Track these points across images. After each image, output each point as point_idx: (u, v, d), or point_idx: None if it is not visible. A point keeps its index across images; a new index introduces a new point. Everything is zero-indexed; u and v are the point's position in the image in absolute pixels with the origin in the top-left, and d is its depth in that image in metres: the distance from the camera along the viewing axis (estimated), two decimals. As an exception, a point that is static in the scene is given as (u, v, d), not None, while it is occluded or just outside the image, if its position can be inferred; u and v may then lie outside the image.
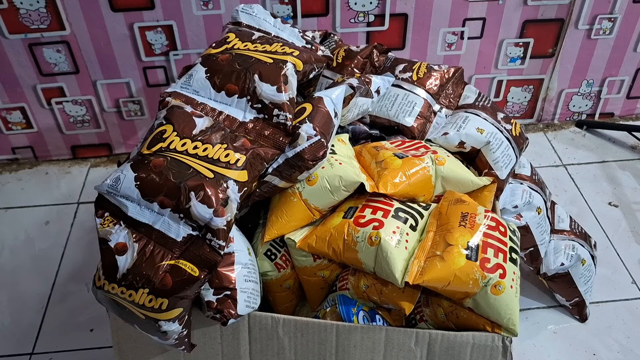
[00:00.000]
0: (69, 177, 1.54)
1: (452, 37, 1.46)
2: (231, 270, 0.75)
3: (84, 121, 1.53)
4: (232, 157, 0.75)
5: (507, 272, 0.73)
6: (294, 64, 0.84)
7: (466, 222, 0.77)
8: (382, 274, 0.76)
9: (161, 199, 0.71)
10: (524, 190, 1.06)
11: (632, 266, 1.26)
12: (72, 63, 1.40)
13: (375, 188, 0.81)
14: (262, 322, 0.77)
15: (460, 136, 0.96)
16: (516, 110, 1.65)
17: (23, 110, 1.49)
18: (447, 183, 0.88)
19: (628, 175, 1.50)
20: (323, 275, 0.86)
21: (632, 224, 1.36)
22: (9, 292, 1.25)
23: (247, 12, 1.00)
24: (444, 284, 0.72)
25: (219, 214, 0.70)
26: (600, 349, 1.10)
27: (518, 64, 1.54)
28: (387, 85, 1.01)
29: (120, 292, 0.70)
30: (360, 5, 1.38)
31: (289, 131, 0.79)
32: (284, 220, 0.82)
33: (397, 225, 0.78)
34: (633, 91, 1.64)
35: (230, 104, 0.82)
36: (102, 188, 0.74)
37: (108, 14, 1.33)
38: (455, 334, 0.75)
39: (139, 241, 0.71)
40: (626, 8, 1.44)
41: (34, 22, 1.32)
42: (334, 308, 0.82)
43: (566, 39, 1.49)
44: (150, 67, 1.44)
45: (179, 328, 0.72)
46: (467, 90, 1.08)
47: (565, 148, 1.60)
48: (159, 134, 0.77)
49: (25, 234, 1.38)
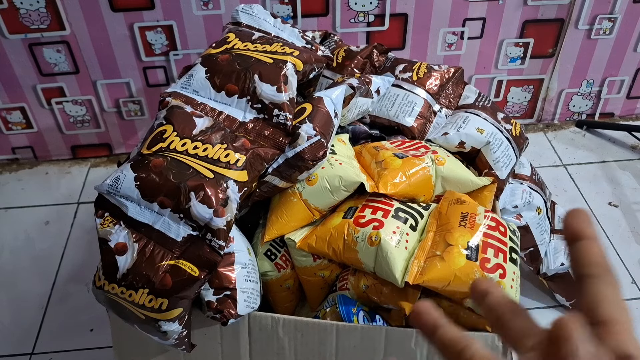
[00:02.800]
0: (69, 177, 1.54)
1: (452, 37, 1.46)
2: (231, 270, 0.75)
3: (84, 121, 1.53)
4: (232, 157, 0.75)
5: (507, 272, 0.73)
6: (294, 64, 0.84)
7: (466, 222, 0.77)
8: (382, 274, 0.76)
9: (161, 199, 0.71)
10: (524, 190, 1.06)
11: (632, 266, 1.26)
12: (72, 63, 1.40)
13: (375, 188, 0.81)
14: (262, 322, 0.77)
15: (460, 136, 0.96)
16: (516, 110, 1.65)
17: (23, 110, 1.49)
18: (447, 183, 0.88)
19: (628, 175, 1.50)
20: (323, 275, 0.86)
21: (632, 224, 1.36)
22: (9, 292, 1.25)
23: (247, 12, 1.00)
24: (444, 284, 0.72)
25: (219, 214, 0.70)
26: (600, 349, 1.10)
27: (518, 64, 1.54)
28: (387, 85, 1.01)
29: (120, 292, 0.70)
30: (360, 5, 1.38)
31: (289, 131, 0.79)
32: (284, 220, 0.82)
33: (397, 225, 0.77)
34: (633, 91, 1.64)
35: (230, 104, 0.82)
36: (102, 188, 0.74)
37: (108, 14, 1.33)
38: (455, 334, 0.74)
39: (139, 241, 0.71)
40: (626, 8, 1.44)
41: (34, 22, 1.32)
42: (334, 308, 0.82)
43: (566, 39, 1.49)
44: (150, 67, 1.44)
45: (179, 328, 0.72)
46: (467, 90, 1.08)
47: (565, 148, 1.60)
48: (159, 134, 0.77)
49: (25, 234, 1.38)
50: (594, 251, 0.29)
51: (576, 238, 0.30)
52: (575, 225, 0.30)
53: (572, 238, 0.30)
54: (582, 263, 0.29)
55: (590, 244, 0.29)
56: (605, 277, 0.28)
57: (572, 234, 0.30)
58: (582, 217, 0.30)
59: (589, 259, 0.29)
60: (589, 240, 0.29)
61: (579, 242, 0.30)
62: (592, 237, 0.30)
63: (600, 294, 0.27)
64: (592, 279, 0.28)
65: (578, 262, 0.29)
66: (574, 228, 0.30)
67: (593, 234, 0.30)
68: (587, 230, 0.30)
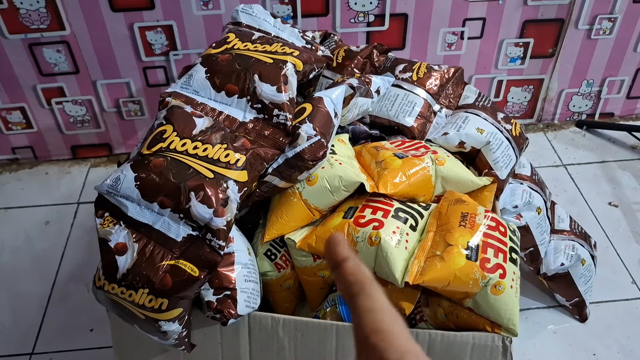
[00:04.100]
0: (69, 177, 1.54)
1: (452, 37, 1.46)
2: (231, 270, 0.75)
3: (84, 121, 1.53)
4: (232, 157, 0.75)
5: (507, 272, 0.73)
6: (294, 64, 0.84)
7: (466, 222, 0.77)
8: (382, 274, 0.76)
9: (161, 199, 0.71)
10: (524, 190, 1.06)
11: (632, 266, 1.26)
12: (72, 63, 1.40)
13: (375, 188, 0.81)
14: (262, 322, 0.77)
15: (460, 136, 0.96)
16: (516, 110, 1.65)
17: (23, 110, 1.49)
18: (447, 183, 0.88)
19: (628, 175, 1.50)
20: (323, 275, 0.86)
21: (632, 224, 1.36)
22: (9, 292, 1.25)
23: (247, 12, 1.00)
24: (444, 284, 0.72)
25: (219, 214, 0.70)
26: (600, 349, 1.10)
27: (518, 64, 1.54)
28: (387, 85, 1.01)
29: (120, 292, 0.70)
30: (360, 5, 1.38)
31: (289, 131, 0.79)
32: (284, 220, 0.82)
33: (397, 225, 0.77)
34: (633, 91, 1.64)
35: (230, 104, 0.82)
36: (102, 188, 0.74)
37: (108, 14, 1.33)
38: (455, 334, 0.75)
39: (139, 241, 0.71)
40: (626, 8, 1.44)
41: (34, 22, 1.32)
42: (334, 308, 0.82)
43: (566, 39, 1.49)
44: (150, 67, 1.44)
45: (179, 328, 0.72)
46: (467, 90, 1.08)
47: (565, 148, 1.60)
48: (159, 134, 0.77)
49: (25, 234, 1.38)
50: (352, 269, 0.33)
51: (337, 262, 0.33)
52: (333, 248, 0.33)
53: (334, 263, 0.33)
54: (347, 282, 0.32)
55: (347, 264, 0.33)
56: (365, 293, 0.32)
57: (334, 259, 0.33)
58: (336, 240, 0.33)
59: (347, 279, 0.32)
60: (346, 261, 0.33)
61: (339, 265, 0.33)
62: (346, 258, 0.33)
63: (363, 308, 0.31)
64: (355, 297, 0.32)
65: (344, 283, 0.32)
66: (332, 252, 0.33)
67: (346, 255, 0.33)
68: (340, 253, 0.33)
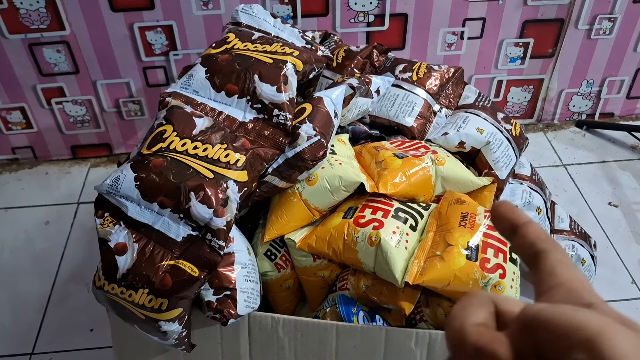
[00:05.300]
0: (69, 177, 1.54)
1: (452, 37, 1.46)
2: (231, 270, 0.75)
3: (84, 121, 1.53)
4: (232, 157, 0.75)
5: (507, 272, 0.73)
6: (294, 64, 0.84)
7: (466, 222, 0.77)
8: (382, 274, 0.76)
9: (161, 199, 0.71)
10: (524, 190, 1.06)
11: (632, 266, 1.26)
12: (72, 63, 1.40)
13: (375, 188, 0.81)
14: (262, 322, 0.77)
15: (460, 136, 0.96)
16: (516, 110, 1.65)
17: (23, 110, 1.49)
18: (447, 183, 0.88)
19: (628, 175, 1.50)
20: (323, 275, 0.86)
21: (632, 224, 1.36)
22: (9, 292, 1.25)
23: (247, 12, 1.00)
24: (444, 284, 0.72)
25: (218, 214, 0.70)
26: (600, 349, 1.10)
27: (518, 64, 1.54)
28: (387, 86, 1.01)
29: (120, 292, 0.70)
30: (360, 5, 1.38)
31: (289, 131, 0.79)
32: (284, 220, 0.82)
33: (397, 226, 0.77)
34: (633, 91, 1.64)
35: (230, 104, 0.82)
36: (102, 188, 0.74)
37: (108, 14, 1.33)
38: (455, 334, 0.74)
39: (139, 241, 0.71)
40: (626, 8, 1.44)
41: (34, 22, 1.32)
42: (334, 308, 0.82)
43: (566, 39, 1.49)
44: (150, 67, 1.44)
45: (179, 328, 0.72)
46: (467, 90, 1.08)
47: (565, 148, 1.60)
48: (159, 134, 0.77)
49: (25, 234, 1.38)
50: (539, 230, 0.29)
51: (515, 227, 0.29)
52: (509, 215, 0.30)
53: (511, 228, 0.30)
54: (531, 242, 0.29)
55: (531, 225, 0.29)
56: (557, 249, 0.28)
57: (510, 224, 0.30)
58: (510, 207, 0.30)
59: (538, 236, 0.29)
60: (528, 223, 0.29)
61: (520, 228, 0.29)
62: (530, 221, 0.29)
63: (557, 260, 0.28)
64: (546, 252, 0.28)
65: (527, 244, 0.29)
66: (508, 219, 0.30)
67: (528, 218, 0.30)
68: (521, 216, 0.30)
